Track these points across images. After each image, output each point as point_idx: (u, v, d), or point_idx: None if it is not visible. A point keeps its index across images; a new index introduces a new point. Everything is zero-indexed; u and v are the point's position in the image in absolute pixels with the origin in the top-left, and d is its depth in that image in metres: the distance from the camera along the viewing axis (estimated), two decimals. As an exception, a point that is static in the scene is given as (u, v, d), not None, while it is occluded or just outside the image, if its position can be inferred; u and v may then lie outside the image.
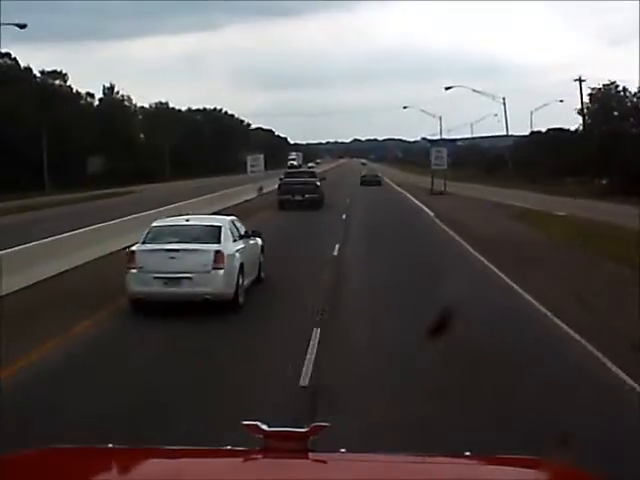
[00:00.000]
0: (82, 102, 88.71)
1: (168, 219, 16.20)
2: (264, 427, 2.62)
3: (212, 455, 2.85)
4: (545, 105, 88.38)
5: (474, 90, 75.13)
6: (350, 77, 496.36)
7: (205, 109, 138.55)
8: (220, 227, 14.71)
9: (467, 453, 2.85)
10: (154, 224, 15.21)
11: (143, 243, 14.32)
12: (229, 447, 2.77)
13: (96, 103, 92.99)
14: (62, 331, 12.25)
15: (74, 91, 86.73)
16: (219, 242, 14.16)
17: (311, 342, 11.19)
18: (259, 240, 16.97)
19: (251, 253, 15.82)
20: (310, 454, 2.60)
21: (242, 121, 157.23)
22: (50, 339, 11.73)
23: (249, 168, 50.38)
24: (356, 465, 2.76)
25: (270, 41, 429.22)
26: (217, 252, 13.81)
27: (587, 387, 9.05)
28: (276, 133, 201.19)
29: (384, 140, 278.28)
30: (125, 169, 79.20)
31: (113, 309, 14.21)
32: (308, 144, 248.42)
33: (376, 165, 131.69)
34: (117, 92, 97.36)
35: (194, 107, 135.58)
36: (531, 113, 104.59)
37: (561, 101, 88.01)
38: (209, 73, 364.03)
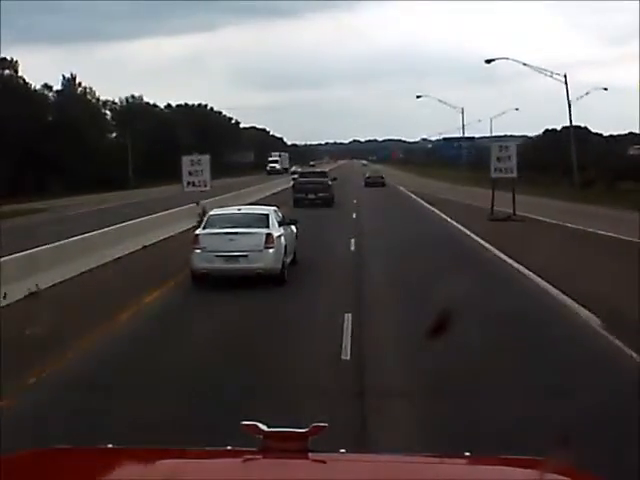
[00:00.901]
0: (35, 95, 75.53)
1: (222, 209, 20.02)
2: (264, 427, 2.64)
3: (212, 455, 2.87)
4: (586, 94, 67.46)
5: (525, 64, 53.75)
6: (349, 77, 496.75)
7: (187, 105, 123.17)
8: (268, 215, 18.02)
9: (467, 453, 2.86)
10: (211, 213, 18.66)
11: (204, 228, 17.47)
12: (229, 447, 2.79)
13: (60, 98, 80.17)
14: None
15: (25, 82, 74.60)
16: (268, 227, 17.33)
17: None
18: (294, 227, 19.68)
19: (290, 237, 18.71)
20: (310, 454, 2.62)
21: (230, 119, 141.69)
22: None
23: (185, 178, 30.18)
24: (356, 465, 2.78)
25: (268, 42, 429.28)
26: (268, 235, 16.96)
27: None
28: (271, 133, 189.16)
29: (384, 141, 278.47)
30: (77, 174, 66.71)
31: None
32: (306, 145, 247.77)
33: (379, 167, 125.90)
34: (79, 83, 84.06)
35: (174, 103, 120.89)
36: (569, 104, 67.58)
37: (605, 89, 69.45)
38: (207, 74, 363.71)
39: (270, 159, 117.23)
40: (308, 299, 15.50)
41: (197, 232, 17.45)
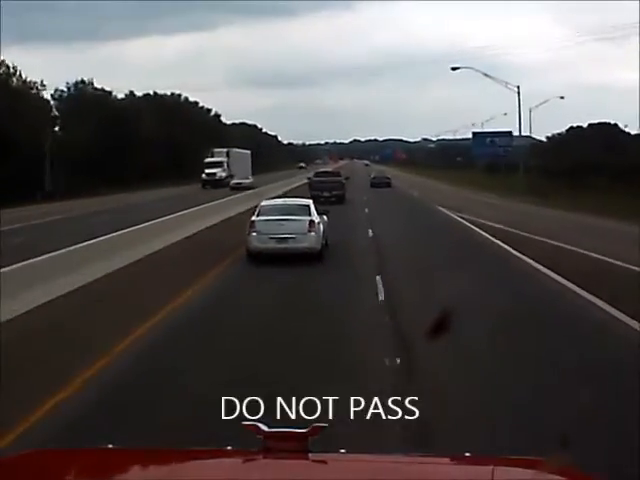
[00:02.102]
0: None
1: (271, 200, 25.24)
2: (264, 428, 2.66)
3: (212, 456, 2.90)
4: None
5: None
6: (349, 76, 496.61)
7: (156, 94, 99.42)
8: (309, 205, 22.39)
9: (467, 454, 2.88)
10: (262, 203, 22.97)
11: (257, 216, 21.34)
12: (229, 447, 2.81)
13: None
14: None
15: None
16: (310, 215, 21.47)
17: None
18: (325, 217, 23.22)
19: (324, 224, 22.36)
20: (310, 454, 2.64)
21: (209, 110, 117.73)
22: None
23: None
24: (356, 465, 2.81)
25: (267, 40, 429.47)
26: (311, 221, 21.08)
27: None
28: (264, 130, 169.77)
29: (384, 140, 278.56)
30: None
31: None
32: (304, 144, 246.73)
33: (382, 168, 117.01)
34: (2, 61, 67.92)
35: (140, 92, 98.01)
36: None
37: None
38: (205, 73, 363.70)
39: (208, 160, 76.08)
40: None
41: (253, 218, 21.32)
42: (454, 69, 61.89)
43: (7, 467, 2.64)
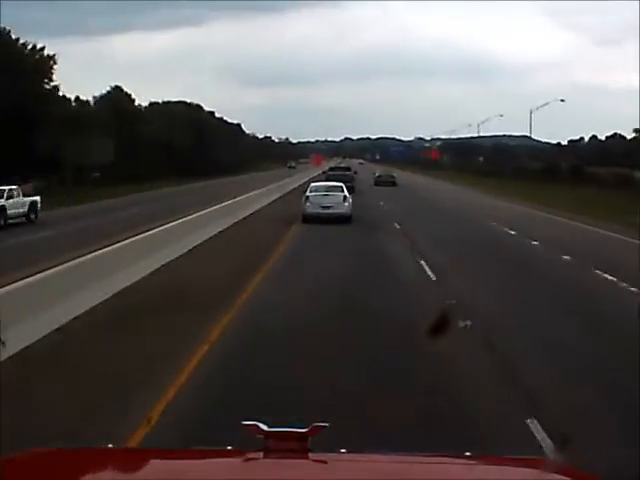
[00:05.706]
0: None
1: (318, 183, 38.16)
2: (264, 427, 2.69)
3: (212, 455, 2.93)
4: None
5: None
6: (341, 74, 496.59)
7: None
8: (342, 186, 34.43)
9: (467, 453, 2.93)
10: (312, 184, 35.91)
11: (310, 192, 33.56)
12: (229, 447, 2.85)
13: None
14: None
15: None
16: (343, 192, 33.52)
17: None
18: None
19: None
20: (310, 454, 2.67)
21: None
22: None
23: None
24: (356, 465, 2.84)
25: (255, 37, 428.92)
26: (345, 196, 33.24)
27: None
28: (218, 114, 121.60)
29: (377, 139, 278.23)
30: None
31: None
32: (289, 141, 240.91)
33: (384, 168, 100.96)
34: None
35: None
36: None
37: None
38: (194, 70, 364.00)
39: None
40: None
41: (307, 194, 33.41)
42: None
43: (7, 467, 2.67)
